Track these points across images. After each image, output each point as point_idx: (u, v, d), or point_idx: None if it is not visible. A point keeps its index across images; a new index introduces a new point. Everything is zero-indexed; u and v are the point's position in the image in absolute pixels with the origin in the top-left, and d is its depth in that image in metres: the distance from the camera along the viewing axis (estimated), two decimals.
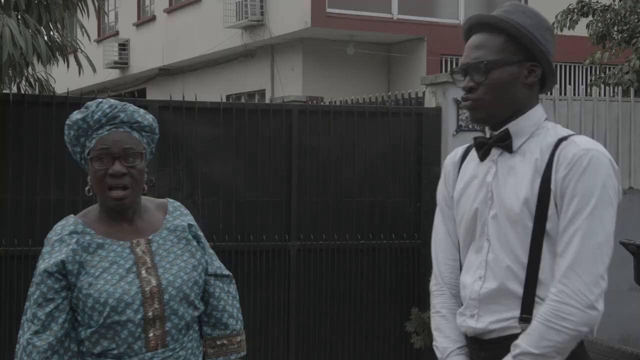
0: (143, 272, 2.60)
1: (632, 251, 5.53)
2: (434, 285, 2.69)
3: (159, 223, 2.73)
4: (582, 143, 2.38)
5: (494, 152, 2.50)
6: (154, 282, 2.60)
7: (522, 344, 2.32)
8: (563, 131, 2.47)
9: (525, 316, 2.36)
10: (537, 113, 2.49)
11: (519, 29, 2.45)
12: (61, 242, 2.61)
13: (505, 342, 2.40)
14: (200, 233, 2.82)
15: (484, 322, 2.43)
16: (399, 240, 7.19)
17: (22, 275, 6.19)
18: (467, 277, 2.51)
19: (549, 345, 2.30)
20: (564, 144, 2.39)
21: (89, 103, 2.67)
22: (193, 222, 2.81)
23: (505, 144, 2.46)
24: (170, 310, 2.59)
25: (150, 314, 2.56)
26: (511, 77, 2.47)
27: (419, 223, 7.25)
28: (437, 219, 2.72)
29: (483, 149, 2.53)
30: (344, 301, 7.10)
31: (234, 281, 2.87)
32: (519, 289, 2.38)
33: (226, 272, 2.84)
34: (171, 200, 2.85)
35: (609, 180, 2.34)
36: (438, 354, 2.61)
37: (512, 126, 2.47)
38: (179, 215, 2.79)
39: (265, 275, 6.91)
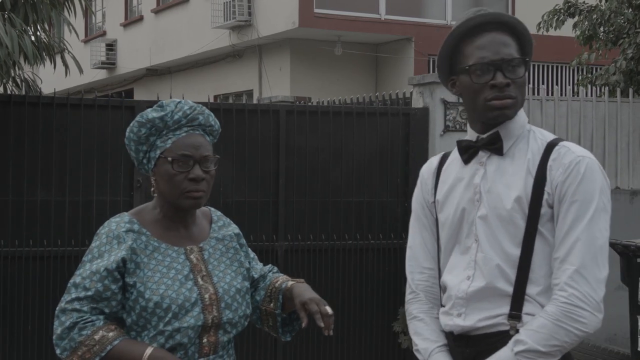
0: (199, 279, 2.57)
1: (619, 251, 5.55)
2: (409, 294, 2.72)
3: (206, 231, 2.70)
4: (576, 150, 2.44)
5: (482, 154, 2.52)
6: (211, 289, 2.57)
7: (529, 340, 2.34)
8: (548, 135, 2.53)
9: (515, 313, 2.38)
10: (523, 116, 2.54)
11: (529, 34, 2.52)
12: (119, 239, 2.52)
13: (491, 338, 2.41)
14: (244, 241, 2.82)
15: (472, 320, 2.44)
16: (386, 240, 7.20)
17: (14, 276, 6.18)
18: (451, 278, 2.52)
19: (557, 345, 2.34)
20: (556, 148, 2.44)
21: (165, 102, 2.60)
22: (238, 230, 2.81)
23: (495, 146, 2.49)
24: (226, 318, 2.57)
25: (209, 321, 2.53)
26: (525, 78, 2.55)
27: (406, 223, 7.19)
28: (412, 228, 2.72)
29: (469, 152, 2.54)
30: (331, 301, 7.02)
31: None
32: (507, 288, 2.40)
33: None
34: (213, 209, 2.82)
35: (604, 187, 2.42)
36: (420, 357, 2.62)
37: (502, 129, 2.49)
38: (223, 225, 2.77)
39: None
